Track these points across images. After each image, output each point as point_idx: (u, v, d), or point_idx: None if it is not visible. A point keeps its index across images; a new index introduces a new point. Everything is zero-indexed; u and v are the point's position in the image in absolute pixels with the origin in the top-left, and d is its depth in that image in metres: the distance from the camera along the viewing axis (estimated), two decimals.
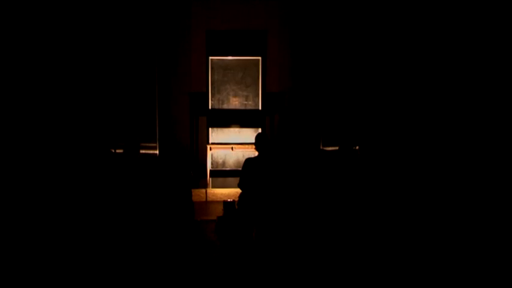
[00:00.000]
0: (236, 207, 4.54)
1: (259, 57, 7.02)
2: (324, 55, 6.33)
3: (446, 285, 3.07)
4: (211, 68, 7.00)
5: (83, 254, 3.57)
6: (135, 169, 4.33)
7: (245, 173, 4.24)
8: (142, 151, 4.85)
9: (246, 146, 6.59)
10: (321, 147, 6.17)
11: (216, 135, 7.01)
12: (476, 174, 2.92)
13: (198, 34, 6.89)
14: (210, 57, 6.98)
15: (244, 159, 4.35)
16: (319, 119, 6.48)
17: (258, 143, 4.32)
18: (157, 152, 6.29)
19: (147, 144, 5.34)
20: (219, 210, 5.12)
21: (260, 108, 7.01)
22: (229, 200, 4.87)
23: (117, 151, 4.19)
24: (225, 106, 7.02)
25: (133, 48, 4.80)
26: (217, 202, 5.96)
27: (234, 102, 7.03)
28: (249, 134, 6.92)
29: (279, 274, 3.55)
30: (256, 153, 4.40)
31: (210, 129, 6.95)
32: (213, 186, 6.86)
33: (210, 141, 6.90)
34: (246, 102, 7.04)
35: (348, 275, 3.51)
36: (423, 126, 3.40)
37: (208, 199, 6.28)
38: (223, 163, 7.07)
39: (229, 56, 7.00)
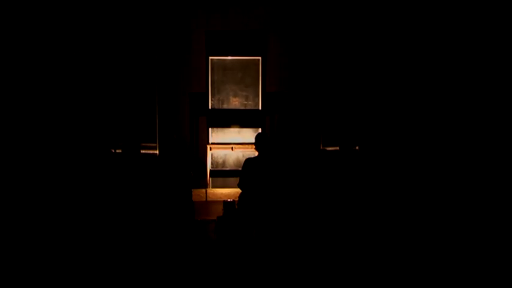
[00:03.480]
0: (236, 207, 4.55)
1: (259, 57, 7.02)
2: (323, 55, 6.34)
3: (446, 285, 3.07)
4: (211, 68, 7.00)
5: (83, 253, 3.57)
6: (135, 169, 4.34)
7: (245, 173, 4.24)
8: (142, 151, 4.86)
9: (246, 146, 6.59)
10: (321, 147, 6.17)
11: (216, 135, 7.01)
12: (475, 173, 2.92)
13: (198, 34, 6.89)
14: (210, 57, 6.97)
15: (244, 159, 4.35)
16: (319, 119, 6.49)
17: (258, 143, 4.32)
18: (157, 152, 6.29)
19: (147, 144, 5.35)
20: (219, 210, 5.13)
21: (260, 108, 7.01)
22: (229, 200, 4.87)
23: (117, 151, 4.19)
24: (225, 106, 7.02)
25: (134, 49, 4.80)
26: (217, 202, 5.97)
27: (234, 102, 7.03)
28: (249, 134, 6.92)
29: (278, 274, 3.56)
30: (256, 153, 4.41)
31: (210, 129, 6.95)
32: (213, 186, 6.86)
33: (210, 141, 6.91)
34: (246, 102, 7.04)
35: (347, 274, 3.51)
36: (423, 127, 3.41)
37: (208, 199, 6.28)
38: (223, 163, 7.07)
39: (229, 56, 7.00)
